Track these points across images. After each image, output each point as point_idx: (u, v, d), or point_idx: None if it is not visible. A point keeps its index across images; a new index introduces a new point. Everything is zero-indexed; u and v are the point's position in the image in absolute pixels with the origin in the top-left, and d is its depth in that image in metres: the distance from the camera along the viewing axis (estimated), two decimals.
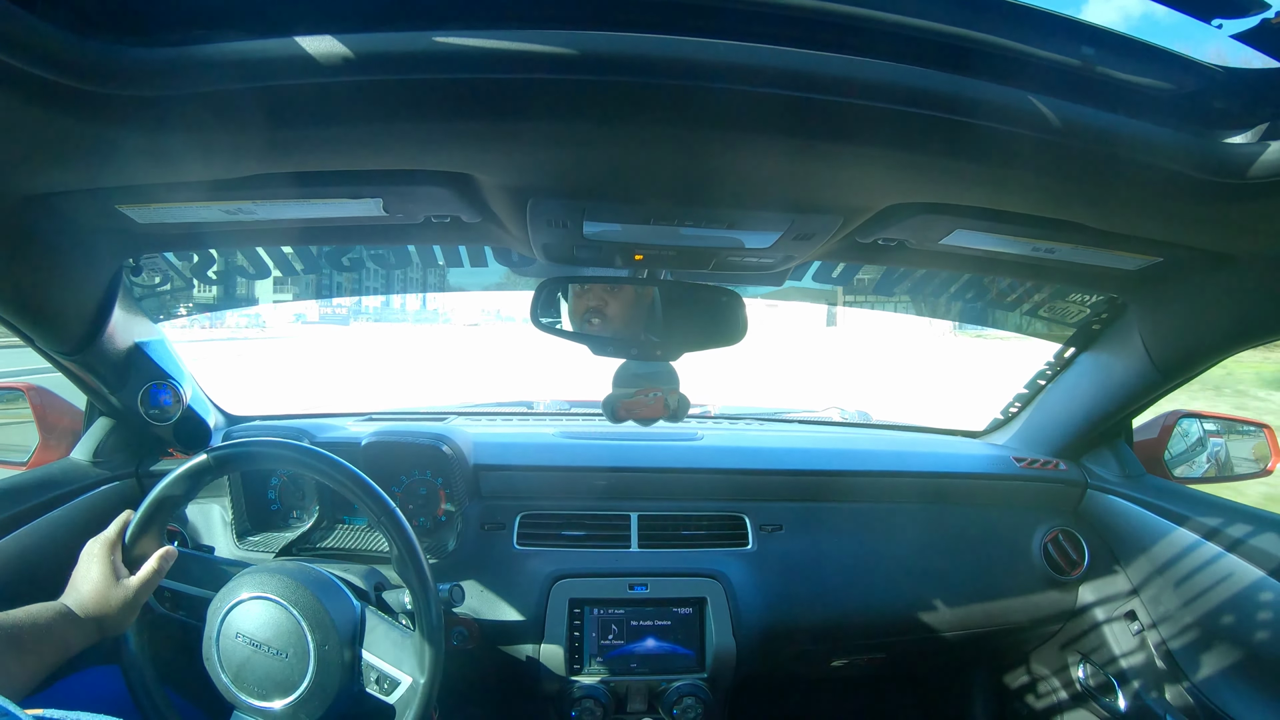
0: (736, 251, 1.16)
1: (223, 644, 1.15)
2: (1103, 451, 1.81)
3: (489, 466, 1.70)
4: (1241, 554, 1.42)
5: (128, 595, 1.07)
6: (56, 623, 0.99)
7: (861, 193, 0.97)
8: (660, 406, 1.30)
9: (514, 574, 1.59)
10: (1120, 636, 1.70)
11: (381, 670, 1.17)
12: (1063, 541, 1.79)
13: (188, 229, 1.17)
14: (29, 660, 0.92)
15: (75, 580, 1.08)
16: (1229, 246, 1.05)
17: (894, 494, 1.80)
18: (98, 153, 0.81)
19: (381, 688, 1.17)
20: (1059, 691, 1.90)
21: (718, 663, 1.53)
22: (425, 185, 0.98)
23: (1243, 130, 0.78)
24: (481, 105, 0.73)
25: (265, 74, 0.66)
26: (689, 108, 0.72)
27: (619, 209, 1.00)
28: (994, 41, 0.71)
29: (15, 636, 0.91)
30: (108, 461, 1.58)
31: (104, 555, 1.09)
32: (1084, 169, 0.82)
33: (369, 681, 1.17)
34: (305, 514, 1.71)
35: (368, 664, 1.17)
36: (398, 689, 1.16)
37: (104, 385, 1.43)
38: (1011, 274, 1.46)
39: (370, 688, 1.17)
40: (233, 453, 1.19)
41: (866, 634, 1.73)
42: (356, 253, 1.53)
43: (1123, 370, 1.56)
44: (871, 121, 0.74)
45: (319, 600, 1.15)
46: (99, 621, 1.04)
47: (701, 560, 1.64)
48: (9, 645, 0.90)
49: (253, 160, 0.86)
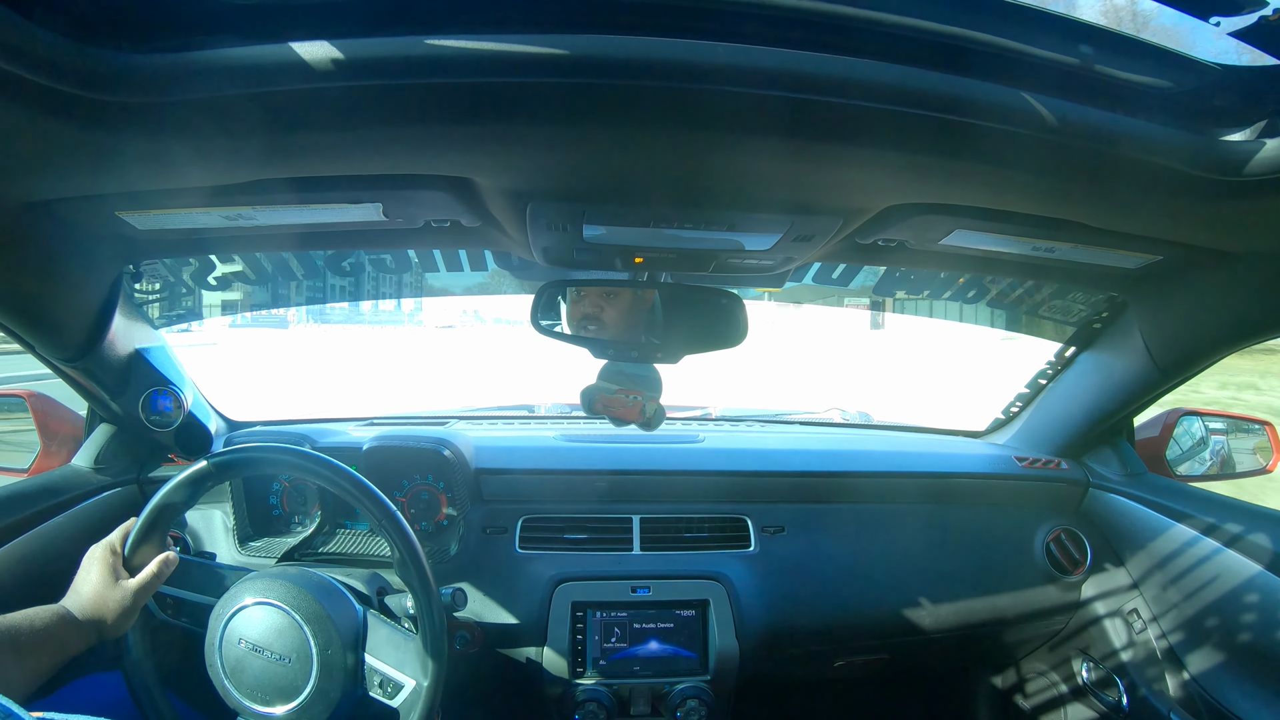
0: (736, 254, 1.16)
1: (225, 650, 1.15)
2: (1104, 450, 1.81)
3: (490, 470, 1.70)
4: (1243, 551, 1.42)
5: (126, 598, 1.08)
6: (54, 625, 0.99)
7: (861, 194, 0.97)
8: (637, 411, 1.30)
9: (516, 577, 1.59)
10: (1122, 634, 1.70)
11: (384, 674, 1.17)
12: (1065, 541, 1.79)
13: (187, 235, 1.18)
14: (27, 662, 0.93)
15: (76, 583, 1.09)
16: (1228, 244, 1.05)
17: (896, 495, 1.80)
18: (97, 159, 0.81)
19: (385, 691, 1.16)
20: (1061, 690, 1.89)
21: (720, 665, 1.52)
22: (425, 190, 0.98)
23: (1241, 128, 0.78)
24: (480, 109, 0.73)
25: (264, 80, 0.66)
26: (688, 110, 0.72)
27: (619, 212, 1.00)
28: (992, 41, 0.71)
29: (13, 638, 0.92)
30: (109, 468, 1.58)
31: (104, 559, 1.11)
32: (1083, 168, 0.82)
33: (372, 685, 1.17)
34: (307, 519, 1.71)
35: (371, 668, 1.17)
36: (401, 692, 1.16)
37: (105, 391, 1.43)
38: (1011, 274, 1.46)
39: (374, 691, 1.17)
40: (234, 458, 1.19)
41: (869, 635, 1.73)
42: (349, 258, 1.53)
43: (1123, 369, 1.56)
44: (870, 122, 0.74)
45: (321, 605, 1.15)
46: (97, 624, 1.05)
47: (703, 562, 1.64)
48: (7, 646, 0.90)
49: (252, 166, 0.86)
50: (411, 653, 1.17)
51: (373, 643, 1.18)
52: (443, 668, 1.15)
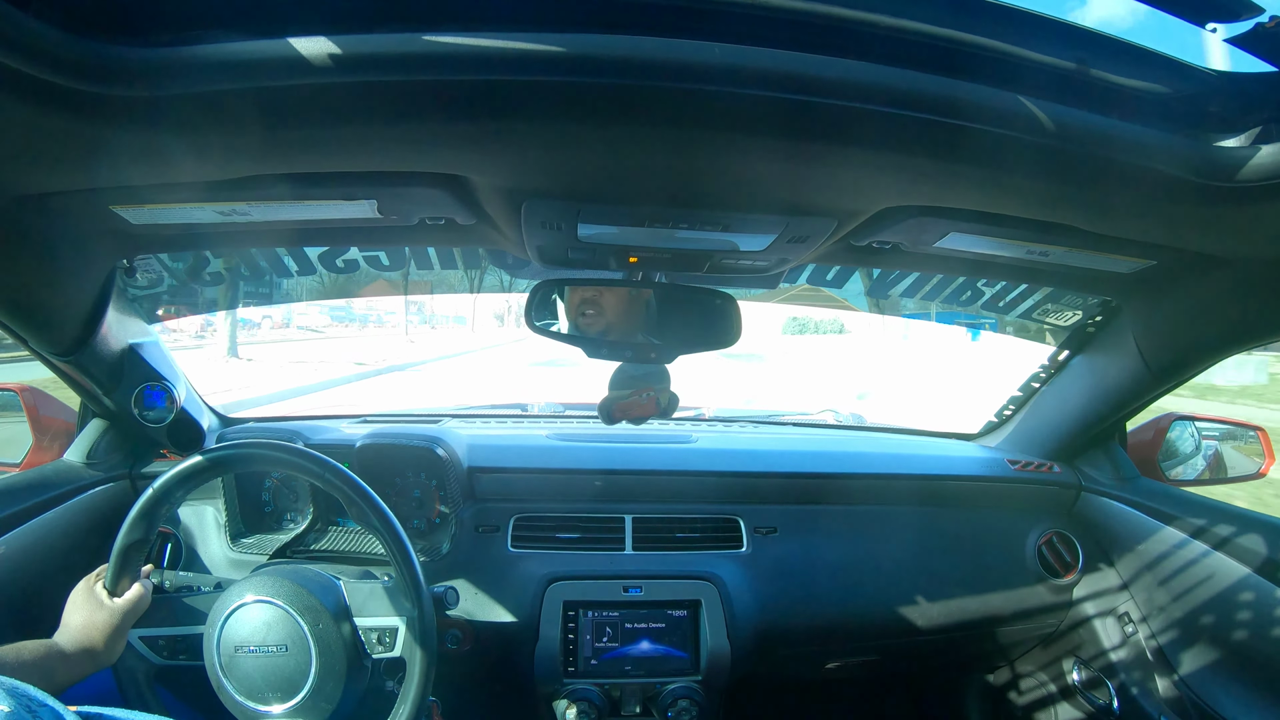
0: (731, 254, 1.16)
1: (227, 666, 1.14)
2: (1096, 454, 1.81)
3: (483, 469, 1.70)
4: (1233, 555, 1.42)
5: (113, 619, 1.10)
6: (42, 658, 1.00)
7: (856, 196, 0.97)
8: (653, 405, 1.32)
9: (508, 576, 1.59)
10: (1113, 636, 1.71)
11: (378, 626, 1.18)
12: (1057, 544, 1.80)
13: (182, 230, 1.17)
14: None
15: (64, 617, 1.11)
16: (1222, 249, 1.05)
17: (888, 496, 1.80)
18: (91, 153, 0.81)
19: (385, 646, 1.17)
20: (1051, 691, 1.90)
21: (712, 665, 1.53)
22: (419, 187, 0.98)
23: (1235, 134, 0.78)
24: (475, 107, 0.72)
25: (259, 75, 0.66)
26: (683, 110, 0.72)
27: (614, 211, 1.00)
28: (988, 45, 0.71)
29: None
30: (102, 463, 1.58)
31: (88, 585, 1.13)
32: (1077, 172, 0.82)
33: (371, 646, 1.18)
34: (299, 516, 1.70)
35: (365, 629, 1.18)
36: (398, 637, 1.17)
37: (98, 387, 1.43)
38: (1005, 277, 1.46)
39: (375, 651, 1.18)
40: (226, 454, 1.18)
41: (861, 636, 1.73)
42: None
43: (1116, 373, 1.57)
44: (866, 124, 0.74)
45: (299, 586, 1.15)
46: (89, 652, 1.07)
47: (696, 563, 1.64)
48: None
49: (246, 161, 0.86)
50: (395, 593, 1.19)
51: (356, 604, 1.19)
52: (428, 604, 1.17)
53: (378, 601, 1.19)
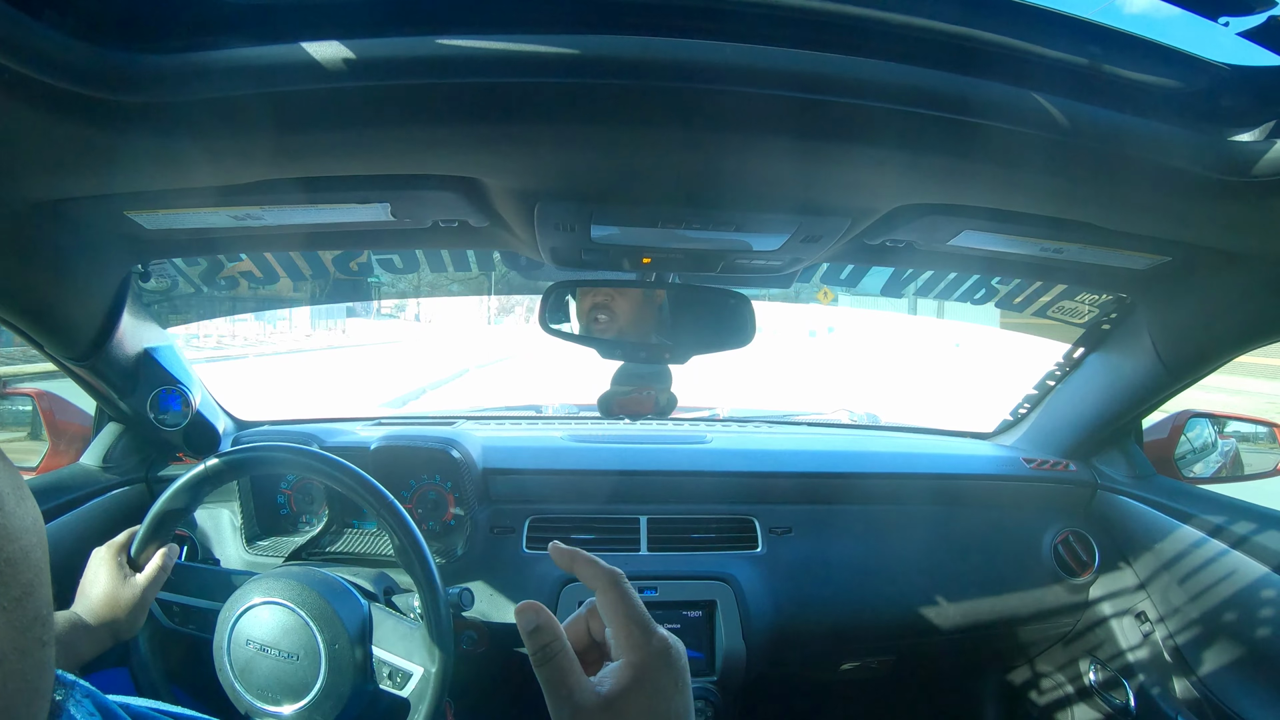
0: (744, 254, 1.16)
1: (233, 652, 1.15)
2: (1112, 452, 1.80)
3: (498, 470, 1.70)
4: (1251, 553, 1.41)
5: (136, 594, 1.10)
6: (65, 631, 1.00)
7: (869, 194, 0.97)
8: (650, 403, 1.34)
9: (523, 577, 1.59)
10: (1130, 636, 1.69)
11: (393, 664, 1.17)
12: (1073, 542, 1.78)
13: (196, 235, 1.18)
14: None
15: (83, 587, 1.10)
16: (1237, 245, 1.04)
17: (903, 496, 1.79)
18: (106, 159, 0.81)
19: (395, 682, 1.17)
20: (1068, 691, 1.89)
21: (727, 666, 1.52)
22: (432, 190, 0.98)
23: (1250, 128, 0.77)
24: (488, 109, 0.72)
25: (272, 80, 0.66)
26: (696, 110, 0.72)
27: (627, 212, 1.00)
28: (1001, 41, 0.70)
29: None
30: (117, 466, 1.59)
31: (110, 559, 1.12)
32: (1091, 168, 0.81)
33: (381, 678, 1.17)
34: (315, 518, 1.71)
35: (379, 660, 1.18)
36: (410, 681, 1.16)
37: (113, 391, 1.44)
38: (1019, 274, 1.45)
39: (384, 684, 1.17)
40: (242, 458, 1.19)
41: (876, 636, 1.72)
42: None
43: (1132, 370, 1.56)
44: (879, 123, 0.74)
45: (326, 601, 1.15)
46: (110, 625, 1.06)
47: (711, 563, 1.64)
48: None
49: (260, 166, 0.87)
50: (418, 641, 1.17)
51: (379, 635, 1.19)
52: (450, 654, 1.15)
53: (402, 642, 1.18)
